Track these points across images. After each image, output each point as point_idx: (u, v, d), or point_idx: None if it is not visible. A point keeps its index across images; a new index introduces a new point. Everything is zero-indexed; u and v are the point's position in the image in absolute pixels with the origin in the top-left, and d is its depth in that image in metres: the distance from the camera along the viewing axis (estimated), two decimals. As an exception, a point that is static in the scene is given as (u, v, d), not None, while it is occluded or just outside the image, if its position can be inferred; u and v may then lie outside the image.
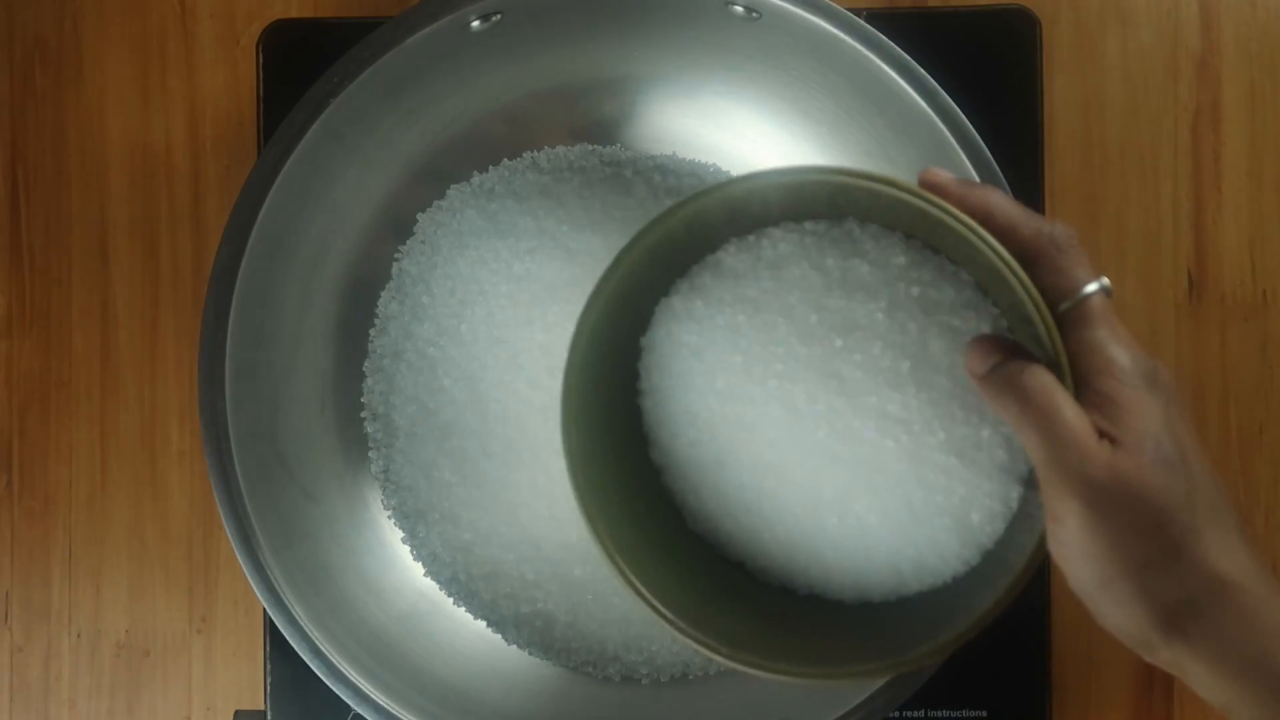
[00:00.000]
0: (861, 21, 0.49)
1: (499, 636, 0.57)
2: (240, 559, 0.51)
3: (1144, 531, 0.36)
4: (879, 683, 0.49)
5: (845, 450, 0.43)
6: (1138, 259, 0.60)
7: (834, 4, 0.49)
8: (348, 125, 0.52)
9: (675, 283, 0.47)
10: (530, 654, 0.57)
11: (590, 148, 0.58)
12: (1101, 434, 0.37)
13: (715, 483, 0.47)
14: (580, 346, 0.45)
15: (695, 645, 0.44)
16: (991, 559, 0.43)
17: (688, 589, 0.46)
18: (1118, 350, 0.37)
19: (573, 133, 0.58)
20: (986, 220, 0.39)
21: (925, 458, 0.42)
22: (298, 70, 0.54)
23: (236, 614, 0.61)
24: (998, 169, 0.49)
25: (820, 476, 0.44)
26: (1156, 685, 0.59)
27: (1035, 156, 0.59)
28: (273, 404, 0.55)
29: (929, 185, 0.40)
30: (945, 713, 0.58)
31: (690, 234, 0.44)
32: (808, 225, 0.44)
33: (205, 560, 0.61)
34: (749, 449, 0.45)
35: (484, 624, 0.57)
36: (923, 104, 0.49)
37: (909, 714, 0.58)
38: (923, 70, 0.49)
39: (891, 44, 0.49)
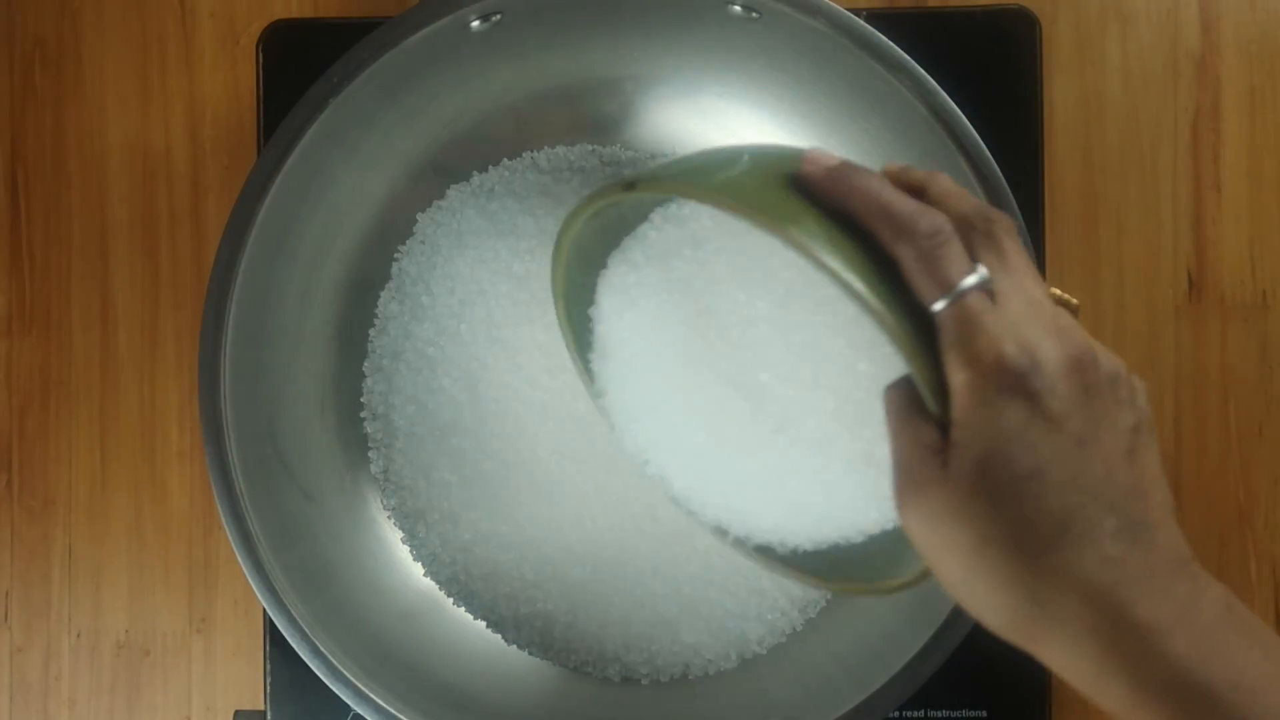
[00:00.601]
0: (861, 22, 0.49)
1: (499, 636, 0.57)
2: (240, 559, 0.51)
3: (962, 552, 0.36)
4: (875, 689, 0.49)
5: (764, 439, 0.44)
6: (1138, 259, 0.60)
7: (833, 4, 0.49)
8: (348, 125, 0.52)
9: (611, 253, 0.48)
10: (530, 654, 0.57)
11: (590, 148, 0.58)
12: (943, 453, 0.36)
13: (674, 443, 0.48)
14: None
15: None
16: None
17: None
18: (981, 358, 0.35)
19: (573, 132, 0.58)
20: (853, 216, 0.37)
21: (831, 446, 0.42)
22: (298, 70, 0.54)
23: (236, 614, 0.61)
24: (997, 169, 0.49)
25: (748, 454, 0.45)
26: (1156, 685, 0.59)
27: (1035, 156, 0.59)
28: (273, 404, 0.55)
29: (804, 180, 0.38)
30: (945, 713, 0.58)
31: (621, 213, 0.47)
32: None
33: (205, 560, 0.61)
34: (694, 420, 0.46)
35: (484, 624, 0.57)
36: (922, 105, 0.49)
37: (909, 714, 0.58)
38: (922, 70, 0.49)
39: (891, 44, 0.49)
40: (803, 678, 0.55)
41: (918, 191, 0.39)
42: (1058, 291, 0.39)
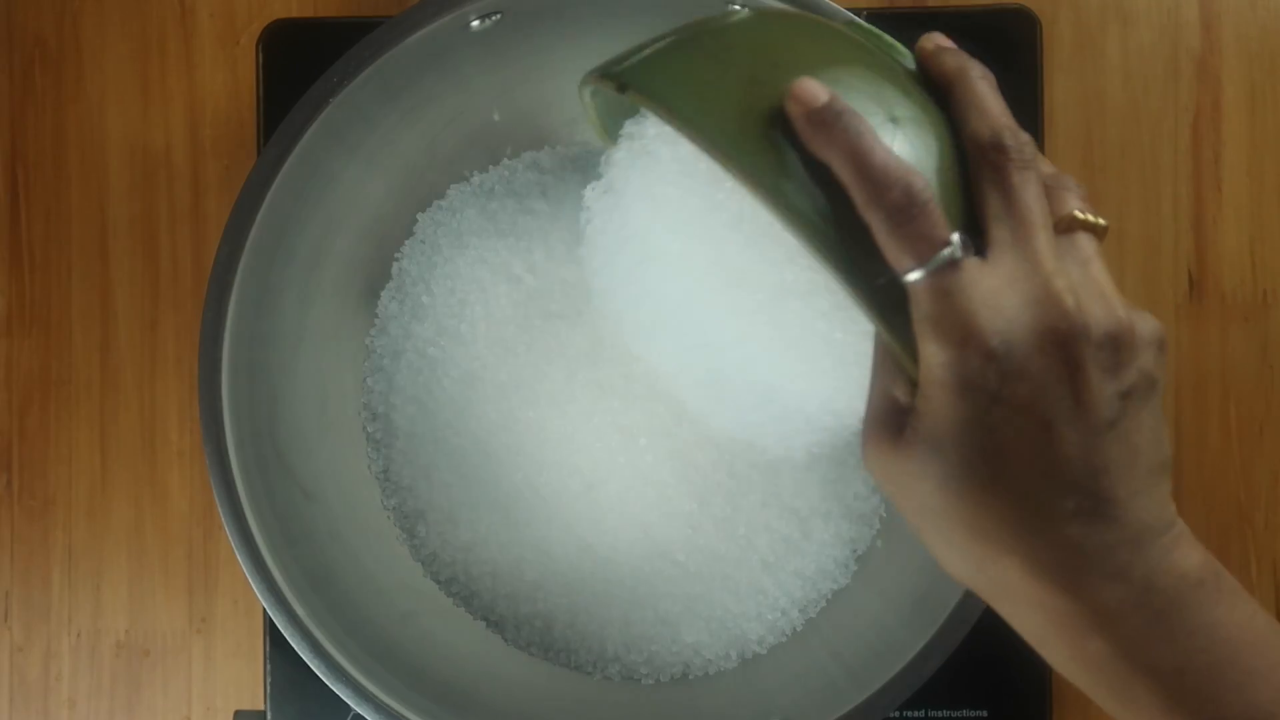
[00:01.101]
0: (861, 22, 0.49)
1: (499, 636, 0.57)
2: (240, 559, 0.51)
3: (911, 511, 0.36)
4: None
5: (760, 332, 0.41)
6: (1138, 259, 0.60)
7: (833, 4, 0.49)
8: (348, 125, 0.52)
9: (619, 134, 0.45)
10: (530, 654, 0.57)
11: (590, 148, 0.58)
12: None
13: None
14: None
15: None
16: None
17: None
18: (949, 335, 0.33)
19: (573, 132, 0.58)
20: (830, 168, 0.34)
21: (844, 344, 0.41)
22: (298, 70, 0.54)
23: (236, 614, 0.61)
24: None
25: (749, 344, 0.42)
26: (1156, 685, 0.59)
27: (1035, 156, 0.59)
28: (273, 404, 0.55)
29: (796, 123, 0.35)
30: (945, 713, 0.58)
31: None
32: None
33: (205, 560, 0.61)
34: (689, 308, 0.44)
35: (484, 624, 0.57)
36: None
37: (909, 714, 0.58)
38: (923, 70, 0.49)
39: (891, 44, 0.49)
40: (803, 678, 0.55)
41: (946, 85, 0.37)
42: (1079, 214, 0.36)
